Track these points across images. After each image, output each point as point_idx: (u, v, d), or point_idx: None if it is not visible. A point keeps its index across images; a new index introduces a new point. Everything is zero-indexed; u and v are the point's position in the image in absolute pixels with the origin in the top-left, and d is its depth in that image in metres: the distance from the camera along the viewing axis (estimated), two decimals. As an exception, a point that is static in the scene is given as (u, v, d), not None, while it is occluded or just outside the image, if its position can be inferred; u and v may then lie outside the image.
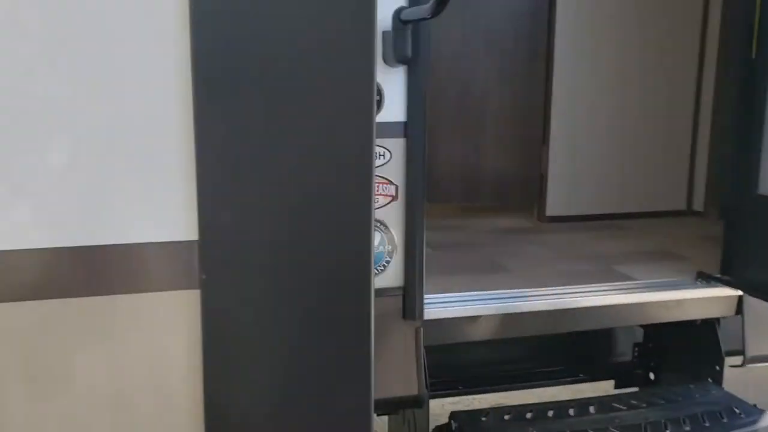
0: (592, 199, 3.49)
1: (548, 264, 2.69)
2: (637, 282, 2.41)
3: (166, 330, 1.45)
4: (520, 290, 2.24)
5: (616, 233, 3.25)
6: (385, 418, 2.65)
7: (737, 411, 2.08)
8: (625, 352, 2.84)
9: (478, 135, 3.43)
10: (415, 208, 2.00)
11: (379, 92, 1.92)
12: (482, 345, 2.68)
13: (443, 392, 2.65)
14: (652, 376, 2.74)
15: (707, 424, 2.01)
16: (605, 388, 2.87)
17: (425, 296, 2.14)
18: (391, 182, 1.99)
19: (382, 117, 1.94)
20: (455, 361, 2.63)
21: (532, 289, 2.25)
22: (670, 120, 3.54)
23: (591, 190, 3.48)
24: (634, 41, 3.40)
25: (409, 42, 1.84)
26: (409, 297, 2.04)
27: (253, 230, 1.48)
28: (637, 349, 2.78)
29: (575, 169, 3.45)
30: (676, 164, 3.58)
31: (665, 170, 3.57)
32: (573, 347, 2.82)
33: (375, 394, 2.08)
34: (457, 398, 3.27)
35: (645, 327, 2.74)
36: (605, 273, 2.54)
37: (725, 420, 2.03)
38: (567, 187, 3.45)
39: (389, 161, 1.97)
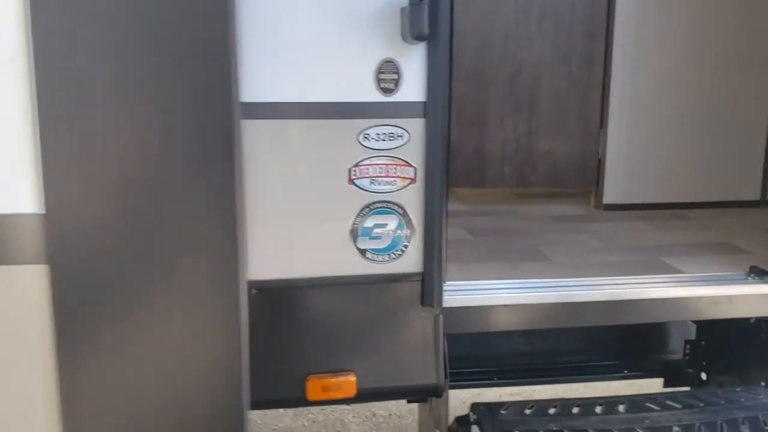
0: (654, 187, 3.29)
1: (593, 254, 2.56)
2: (684, 275, 2.25)
3: (15, 304, 1.46)
4: (551, 280, 2.14)
5: (676, 224, 3.05)
6: (415, 406, 2.61)
7: (785, 419, 1.91)
8: (676, 349, 2.67)
9: (532, 117, 3.30)
10: (435, 192, 1.94)
11: (397, 71, 1.87)
12: (521, 335, 2.60)
13: (476, 383, 2.59)
14: (704, 376, 2.56)
15: (746, 431, 1.85)
16: (653, 387, 2.71)
17: (448, 283, 2.09)
18: (409, 164, 1.93)
19: (399, 96, 1.88)
20: (489, 350, 2.55)
21: (564, 279, 2.14)
22: (746, 102, 3.27)
23: (653, 177, 3.28)
24: (706, 17, 3.17)
25: (426, 18, 1.77)
26: (427, 283, 1.99)
27: (100, 204, 1.44)
28: (688, 346, 2.61)
29: (636, 154, 3.26)
30: (750, 150, 3.32)
31: (737, 157, 3.32)
32: (619, 342, 2.68)
33: (394, 381, 2.08)
34: (497, 389, 3.20)
35: (698, 324, 2.56)
36: (652, 265, 2.39)
37: (767, 428, 1.87)
38: (626, 173, 3.27)
39: (407, 143, 1.91)
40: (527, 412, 1.95)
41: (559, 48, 3.23)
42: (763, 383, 2.18)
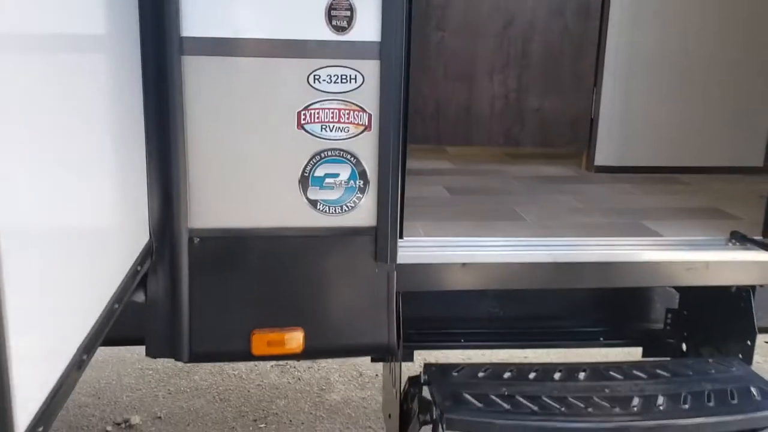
0: (650, 150, 3.14)
1: (569, 215, 2.43)
2: (659, 239, 2.12)
3: None
4: (511, 239, 2.03)
5: (667, 188, 2.91)
6: (380, 365, 2.54)
7: (754, 393, 1.79)
8: (658, 318, 2.55)
9: (523, 73, 3.15)
10: (391, 140, 1.83)
11: (350, 7, 1.74)
12: (494, 298, 2.49)
13: (444, 344, 2.50)
14: (684, 347, 2.44)
15: (711, 404, 1.74)
16: (633, 356, 2.60)
17: (406, 239, 1.99)
18: (363, 110, 1.82)
19: (353, 35, 1.76)
20: (460, 312, 2.45)
21: (525, 239, 2.03)
22: (750, 62, 3.09)
23: (649, 140, 3.13)
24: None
25: (377, -52, 1.64)
26: (381, 238, 1.89)
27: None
28: (670, 316, 2.48)
29: (631, 114, 3.10)
30: (754, 113, 3.14)
31: (740, 120, 3.14)
32: (600, 308, 2.57)
33: (344, 339, 1.99)
34: (469, 351, 3.11)
35: (681, 292, 2.44)
36: (631, 228, 2.27)
37: (735, 401, 1.76)
38: (620, 134, 3.11)
39: (361, 86, 1.80)
40: (480, 375, 1.86)
41: (553, -1, 3.06)
42: (740, 355, 2.06)
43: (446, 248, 1.99)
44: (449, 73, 3.16)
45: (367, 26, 1.76)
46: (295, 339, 1.89)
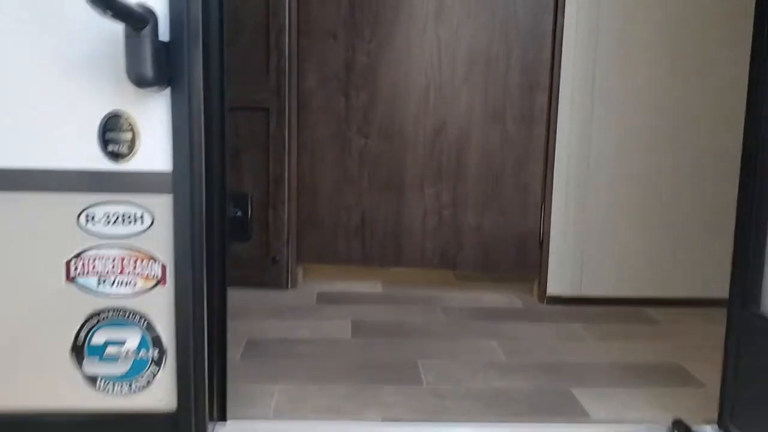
0: (610, 277, 2.65)
1: (483, 375, 1.94)
2: (581, 426, 1.61)
3: None
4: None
5: (629, 329, 2.41)
6: None
7: None
8: None
9: (458, 185, 2.72)
10: (192, 296, 1.40)
11: (131, 128, 1.35)
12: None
13: None
14: None
15: None
16: None
17: (233, 422, 1.52)
18: (154, 258, 1.39)
19: (136, 164, 1.36)
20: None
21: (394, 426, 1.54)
22: (722, 170, 2.61)
23: (609, 265, 2.65)
24: (670, 65, 2.56)
25: (148, 55, 1.25)
26: (183, 425, 1.42)
27: None
28: None
29: (588, 234, 2.63)
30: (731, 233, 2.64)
31: (716, 241, 2.63)
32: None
33: None
34: None
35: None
36: (553, 400, 1.77)
37: None
38: (575, 259, 2.64)
39: (150, 228, 1.38)
40: None
41: (491, 101, 2.66)
42: None
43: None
44: (375, 183, 2.75)
45: (155, 151, 1.36)
46: None
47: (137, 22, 1.23)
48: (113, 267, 1.39)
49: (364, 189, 2.77)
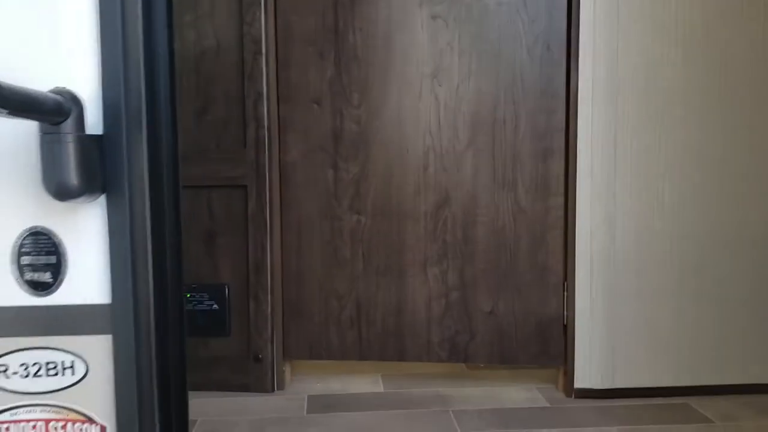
0: (649, 365, 2.32)
1: None
2: None
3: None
4: None
5: (671, 430, 2.05)
6: None
7: None
8: None
9: (466, 265, 2.40)
10: (143, 470, 1.05)
11: (55, 249, 1.02)
12: None
13: None
14: None
15: None
16: None
17: None
18: (90, 420, 1.05)
19: (62, 296, 1.03)
20: None
21: None
22: (776, 242, 2.33)
23: (647, 351, 2.32)
24: (709, 126, 2.28)
25: (72, 160, 0.93)
26: None
27: None
28: None
29: (619, 317, 2.31)
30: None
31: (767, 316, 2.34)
32: None
33: None
34: None
35: None
36: None
37: None
38: (606, 344, 2.31)
39: (84, 379, 1.04)
40: None
41: (500, 169, 2.36)
42: None
43: None
44: (371, 266, 2.42)
45: (88, 279, 1.03)
46: None
47: (52, 115, 0.91)
48: (34, 434, 1.05)
49: (359, 273, 2.44)
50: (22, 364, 1.04)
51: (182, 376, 1.15)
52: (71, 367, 1.04)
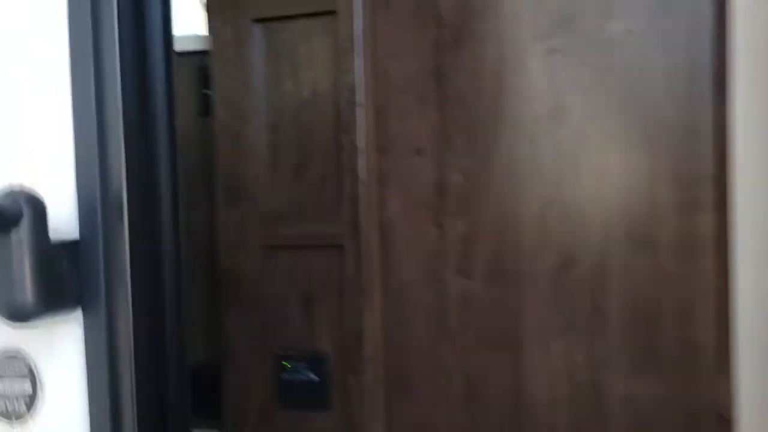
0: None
1: None
2: None
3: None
4: None
5: None
6: None
7: None
8: None
9: (597, 339, 2.04)
10: None
11: (29, 372, 0.85)
12: None
13: None
14: None
15: None
16: None
17: None
18: None
19: (40, 428, 0.86)
20: None
21: None
22: None
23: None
24: None
25: (27, 277, 0.76)
26: None
27: None
28: None
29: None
30: None
31: None
32: None
33: None
34: None
35: None
36: None
37: None
38: (779, 444, 1.85)
39: None
40: None
41: (636, 225, 1.99)
42: None
43: None
44: (483, 338, 2.13)
45: (67, 407, 0.86)
46: None
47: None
48: None
49: (469, 345, 2.15)
50: None
51: None
52: None
